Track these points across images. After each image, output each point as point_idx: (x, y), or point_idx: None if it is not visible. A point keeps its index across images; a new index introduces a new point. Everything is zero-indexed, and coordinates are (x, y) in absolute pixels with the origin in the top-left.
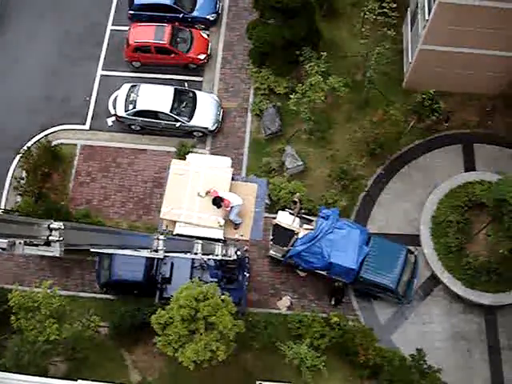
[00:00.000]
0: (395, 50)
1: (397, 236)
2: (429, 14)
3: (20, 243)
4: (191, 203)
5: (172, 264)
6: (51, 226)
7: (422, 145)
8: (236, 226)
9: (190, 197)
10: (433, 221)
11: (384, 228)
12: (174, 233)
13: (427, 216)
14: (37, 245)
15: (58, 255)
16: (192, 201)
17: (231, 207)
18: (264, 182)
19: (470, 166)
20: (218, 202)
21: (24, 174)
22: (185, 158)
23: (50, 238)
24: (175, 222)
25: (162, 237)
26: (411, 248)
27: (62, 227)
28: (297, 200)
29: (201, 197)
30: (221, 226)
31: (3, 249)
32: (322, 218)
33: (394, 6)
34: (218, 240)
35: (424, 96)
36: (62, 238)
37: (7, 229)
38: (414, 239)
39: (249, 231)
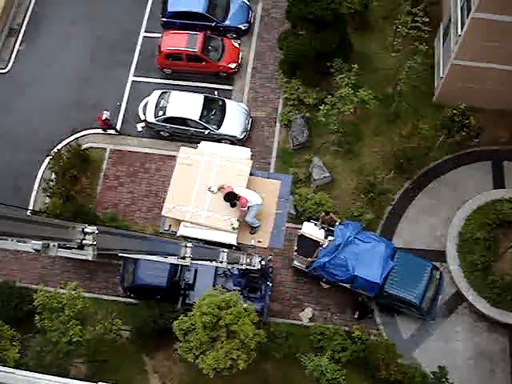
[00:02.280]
0: (426, 64)
1: (422, 251)
2: (461, 29)
3: (54, 246)
4: (200, 200)
5: (196, 271)
6: (85, 229)
7: (450, 160)
8: (253, 229)
9: (198, 192)
10: (459, 237)
11: (410, 243)
12: (178, 234)
13: (454, 232)
14: (70, 248)
15: (90, 259)
16: (201, 197)
17: (248, 207)
18: (288, 179)
19: (499, 184)
20: (232, 199)
21: (53, 176)
22: None
23: (84, 241)
24: (180, 221)
25: (189, 244)
26: (437, 264)
27: (96, 231)
28: (331, 214)
29: (212, 192)
30: (234, 228)
31: (37, 250)
32: (341, 225)
33: (427, 20)
34: (230, 246)
35: (454, 111)
36: (95, 242)
37: (43, 231)
38: (440, 255)
39: (268, 237)
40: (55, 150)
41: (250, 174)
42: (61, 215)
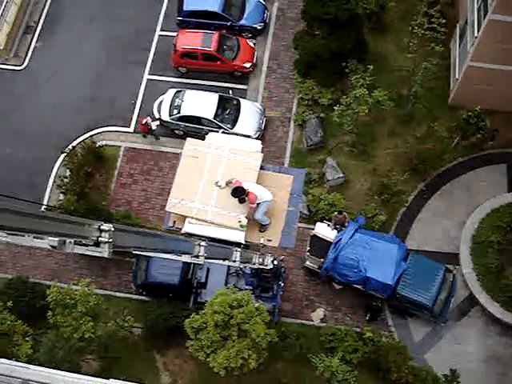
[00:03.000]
0: (442, 65)
1: (435, 254)
2: (478, 31)
3: (70, 242)
4: (207, 195)
5: (208, 269)
6: (101, 227)
7: (465, 162)
8: (262, 227)
9: (205, 187)
10: (473, 240)
11: (423, 245)
12: (183, 231)
13: (467, 235)
14: (86, 245)
15: (106, 256)
16: (208, 192)
17: (257, 203)
18: (302, 174)
19: None
20: (240, 194)
21: (68, 173)
22: None
23: (100, 238)
24: (185, 217)
25: (203, 243)
26: (450, 267)
27: (112, 229)
28: (344, 213)
29: (219, 187)
30: (242, 226)
31: (53, 247)
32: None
33: (444, 21)
34: (237, 244)
35: (470, 113)
36: (111, 240)
37: (60, 228)
38: (453, 258)
39: (279, 236)
40: (70, 146)
41: (261, 168)
42: (75, 212)
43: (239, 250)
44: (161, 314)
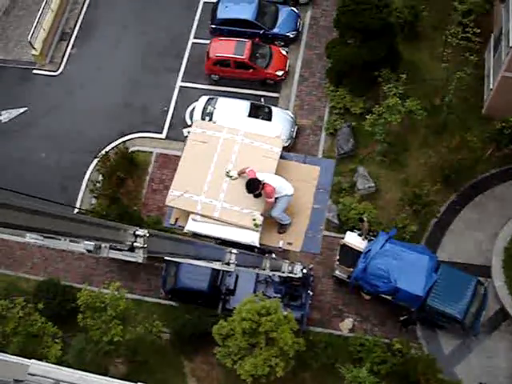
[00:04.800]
0: (476, 75)
1: (467, 266)
2: None
3: (105, 247)
4: (215, 187)
5: (237, 276)
6: (136, 232)
7: (498, 174)
8: (282, 228)
9: (214, 177)
10: (505, 253)
11: (454, 256)
12: (185, 229)
13: (500, 247)
14: (121, 250)
15: (140, 261)
16: (217, 184)
17: (276, 198)
18: (330, 164)
19: None
20: (255, 187)
21: (100, 178)
22: None
23: (135, 244)
24: (188, 213)
25: (234, 250)
26: (481, 279)
27: (147, 234)
28: (365, 219)
29: (230, 178)
30: (257, 225)
31: (89, 251)
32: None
33: (478, 31)
34: (251, 248)
35: (504, 124)
36: (145, 245)
37: (97, 232)
38: (485, 270)
39: (301, 239)
40: (103, 152)
41: (282, 157)
42: (107, 216)
43: (269, 257)
44: (189, 319)
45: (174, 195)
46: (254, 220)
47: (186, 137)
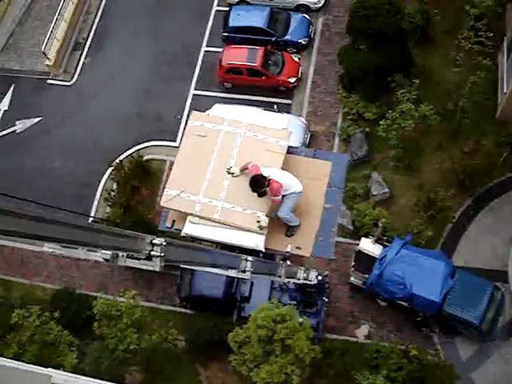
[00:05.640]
0: (490, 79)
1: (483, 271)
2: None
3: (123, 256)
4: (215, 186)
5: (252, 283)
6: (154, 241)
7: None
8: (290, 229)
9: (213, 175)
10: None
11: (470, 262)
12: (183, 233)
13: None
14: (138, 258)
15: (157, 270)
16: (217, 182)
17: (283, 196)
18: (343, 159)
19: None
20: (260, 184)
21: (115, 186)
22: None
23: (152, 252)
24: (186, 214)
25: (250, 258)
26: (498, 284)
27: (164, 243)
28: (380, 224)
29: (232, 175)
30: (262, 227)
31: (106, 260)
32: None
33: (491, 34)
34: (256, 252)
35: None
36: (163, 254)
37: (115, 241)
38: (502, 276)
39: (311, 242)
40: (117, 160)
41: (289, 152)
42: (121, 225)
43: (284, 264)
44: (204, 327)
45: (170, 195)
46: (259, 222)
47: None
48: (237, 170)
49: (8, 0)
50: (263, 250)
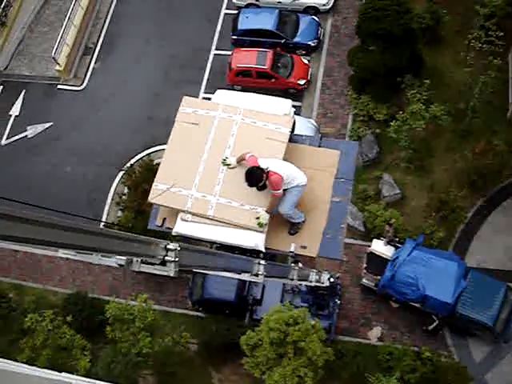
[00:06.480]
0: (501, 79)
1: (496, 271)
2: None
3: (137, 261)
4: (209, 179)
5: (263, 286)
6: (168, 246)
7: None
8: (293, 227)
9: (207, 167)
10: None
11: (483, 262)
12: (173, 232)
13: None
14: (152, 264)
15: (172, 275)
16: (211, 174)
17: (285, 190)
18: (353, 147)
19: None
20: (257, 177)
21: (126, 190)
22: None
23: (166, 258)
24: (177, 211)
25: (262, 261)
26: (511, 285)
27: (178, 248)
28: (391, 223)
29: (227, 167)
30: (261, 225)
31: (121, 265)
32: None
33: (501, 34)
34: (256, 253)
35: None
36: (177, 259)
37: (128, 247)
38: None
39: (318, 241)
40: (128, 164)
41: (292, 140)
42: (132, 229)
43: (297, 267)
44: (217, 330)
45: (159, 190)
46: (258, 218)
47: None
48: (233, 160)
49: (18, 6)
50: (263, 250)
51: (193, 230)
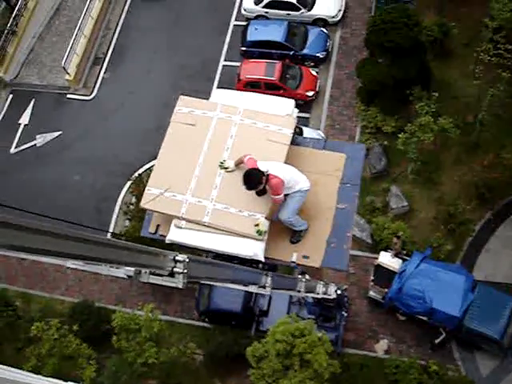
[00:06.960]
0: (509, 92)
1: (504, 285)
2: None
3: (145, 272)
4: (205, 183)
5: (270, 297)
6: (176, 258)
7: None
8: (295, 235)
9: (203, 170)
10: None
11: (491, 276)
12: (167, 239)
13: None
14: (161, 275)
15: (180, 287)
16: (207, 178)
17: (286, 195)
18: (359, 150)
19: None
20: (256, 180)
21: (134, 200)
22: None
23: (175, 269)
24: (171, 218)
25: (270, 273)
26: None
27: (187, 260)
28: (399, 235)
29: (225, 170)
30: (261, 233)
31: (129, 276)
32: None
33: (510, 47)
34: (255, 263)
35: None
36: (185, 271)
37: (138, 258)
38: None
39: (322, 250)
40: (136, 174)
41: (293, 143)
42: (139, 239)
43: (304, 279)
44: (223, 341)
45: (152, 195)
46: (257, 225)
47: None
48: (231, 164)
49: (29, 16)
50: (263, 260)
51: (187, 238)
